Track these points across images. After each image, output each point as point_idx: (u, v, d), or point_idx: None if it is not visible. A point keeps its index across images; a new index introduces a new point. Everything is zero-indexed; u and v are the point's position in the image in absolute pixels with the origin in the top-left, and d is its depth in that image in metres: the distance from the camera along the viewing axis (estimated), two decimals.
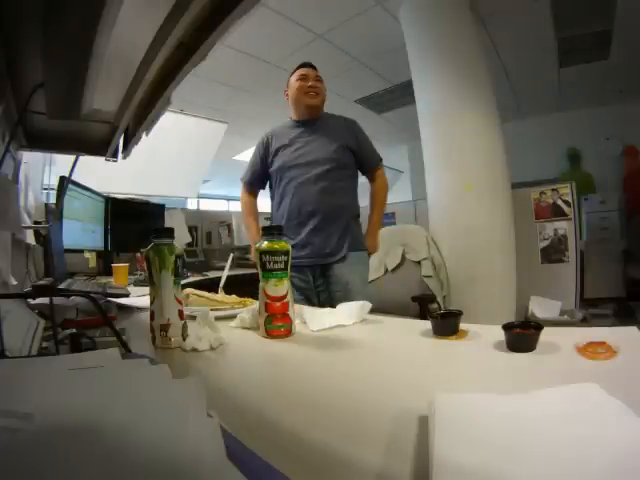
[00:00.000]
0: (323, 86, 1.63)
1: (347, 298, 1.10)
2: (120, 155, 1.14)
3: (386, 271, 2.28)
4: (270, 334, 0.71)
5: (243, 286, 1.14)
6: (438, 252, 2.41)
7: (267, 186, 1.72)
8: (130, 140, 1.03)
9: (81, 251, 1.99)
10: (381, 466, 0.29)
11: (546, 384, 0.34)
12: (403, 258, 2.26)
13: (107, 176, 2.33)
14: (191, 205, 4.29)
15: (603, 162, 4.73)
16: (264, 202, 1.80)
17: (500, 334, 0.55)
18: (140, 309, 0.99)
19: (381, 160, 1.69)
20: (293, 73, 1.64)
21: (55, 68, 0.66)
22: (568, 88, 4.28)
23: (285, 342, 0.69)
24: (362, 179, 1.68)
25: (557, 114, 4.95)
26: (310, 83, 1.58)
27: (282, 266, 0.72)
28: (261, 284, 0.72)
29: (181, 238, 2.96)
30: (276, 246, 0.72)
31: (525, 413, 0.31)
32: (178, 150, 3.28)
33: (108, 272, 1.94)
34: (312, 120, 1.61)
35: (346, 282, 1.48)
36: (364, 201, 1.68)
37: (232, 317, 0.84)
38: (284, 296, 0.72)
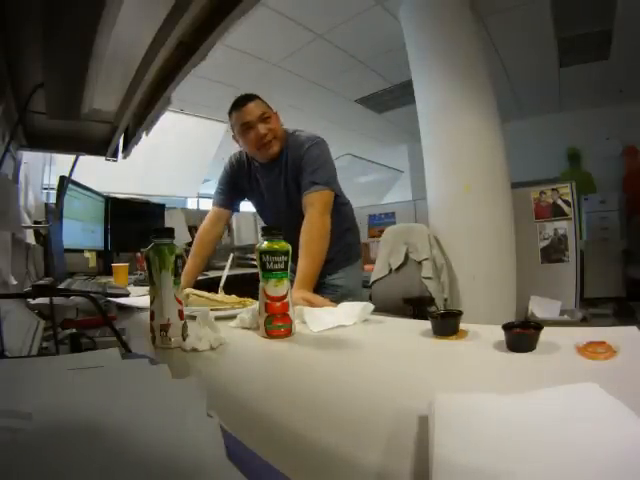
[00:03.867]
0: (273, 119, 1.31)
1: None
2: (120, 155, 1.14)
3: (390, 270, 2.28)
4: (270, 334, 0.71)
5: (243, 286, 1.14)
6: (441, 252, 2.40)
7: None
8: (130, 140, 1.03)
9: (81, 251, 1.99)
10: (381, 466, 0.29)
11: (546, 384, 0.34)
12: (406, 257, 2.25)
13: (107, 176, 2.33)
14: (191, 205, 4.29)
15: (603, 162, 4.73)
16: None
17: (500, 334, 0.55)
18: (140, 309, 0.99)
19: (317, 184, 1.25)
20: (230, 114, 1.33)
21: (55, 68, 0.66)
22: (568, 88, 4.28)
23: (285, 342, 0.69)
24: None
25: (557, 114, 4.96)
26: (260, 132, 1.27)
27: (282, 266, 0.72)
28: (261, 284, 0.72)
29: (181, 238, 2.96)
30: (276, 246, 0.72)
31: (525, 413, 0.31)
32: (178, 150, 3.28)
33: (108, 272, 1.94)
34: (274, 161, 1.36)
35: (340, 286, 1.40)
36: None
37: (232, 317, 0.83)
38: (284, 296, 0.72)
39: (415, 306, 1.81)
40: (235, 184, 1.47)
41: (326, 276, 1.39)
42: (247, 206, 1.72)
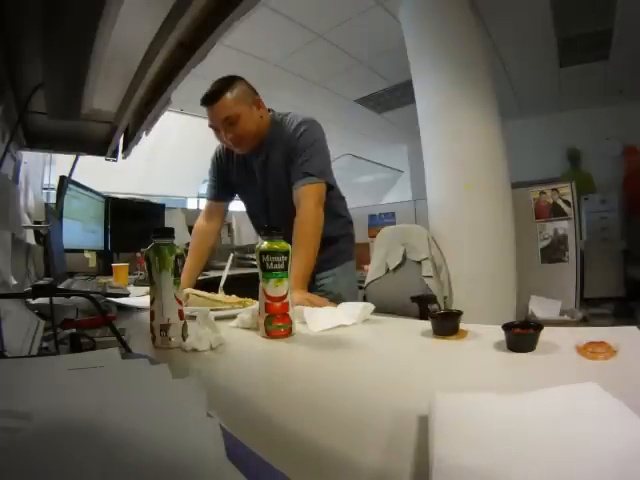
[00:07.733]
0: (242, 119, 1.18)
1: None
2: (120, 155, 1.15)
3: (387, 271, 2.28)
4: (270, 334, 0.71)
5: (243, 286, 1.14)
6: (439, 252, 2.41)
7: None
8: (130, 140, 1.03)
9: (81, 251, 1.99)
10: (381, 466, 0.29)
11: (546, 384, 0.34)
12: (404, 258, 2.25)
13: (107, 176, 2.34)
14: (191, 205, 4.29)
15: (603, 162, 4.73)
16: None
17: (500, 334, 0.55)
18: (140, 309, 0.99)
19: (311, 175, 1.17)
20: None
21: (55, 68, 0.66)
22: (568, 88, 4.28)
23: (285, 342, 0.69)
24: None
25: (557, 114, 4.95)
26: (224, 139, 1.23)
27: (282, 266, 0.72)
28: (261, 284, 0.72)
29: (181, 238, 2.96)
30: (276, 246, 0.72)
31: (525, 413, 0.30)
32: (178, 150, 3.29)
33: (108, 272, 1.94)
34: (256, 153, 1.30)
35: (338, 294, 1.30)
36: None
37: (232, 317, 0.83)
38: (284, 296, 0.72)
39: (422, 304, 1.82)
40: (224, 175, 1.43)
41: (314, 276, 1.29)
42: None
